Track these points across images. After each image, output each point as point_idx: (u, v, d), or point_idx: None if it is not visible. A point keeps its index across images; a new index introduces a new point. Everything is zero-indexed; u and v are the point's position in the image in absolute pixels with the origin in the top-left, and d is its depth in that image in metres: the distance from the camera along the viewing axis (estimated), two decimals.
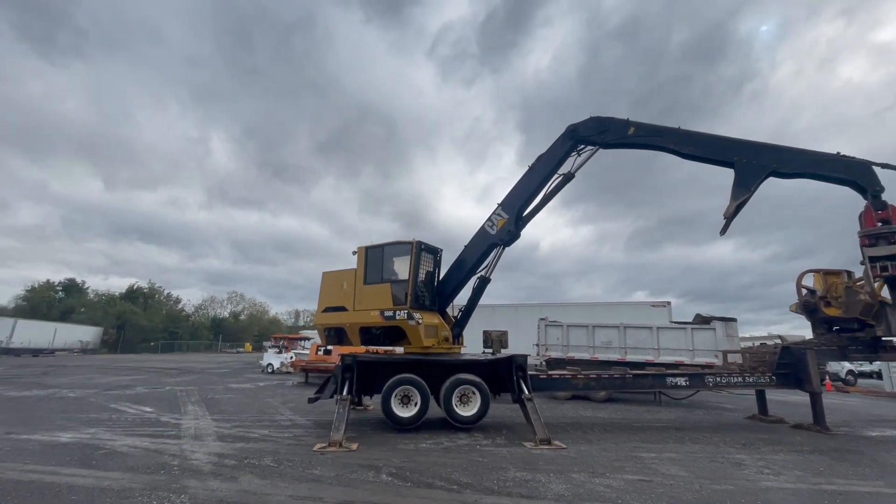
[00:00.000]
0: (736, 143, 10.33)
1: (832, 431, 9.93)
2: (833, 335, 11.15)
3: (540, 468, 6.41)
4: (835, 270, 11.49)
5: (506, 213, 10.97)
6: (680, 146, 10.51)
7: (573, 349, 16.45)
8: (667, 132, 10.67)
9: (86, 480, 5.42)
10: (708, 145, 10.44)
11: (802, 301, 11.58)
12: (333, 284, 10.77)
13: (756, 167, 9.98)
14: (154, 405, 11.82)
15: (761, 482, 5.96)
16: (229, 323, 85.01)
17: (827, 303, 11.07)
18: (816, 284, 11.49)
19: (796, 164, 10.01)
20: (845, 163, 9.82)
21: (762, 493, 5.46)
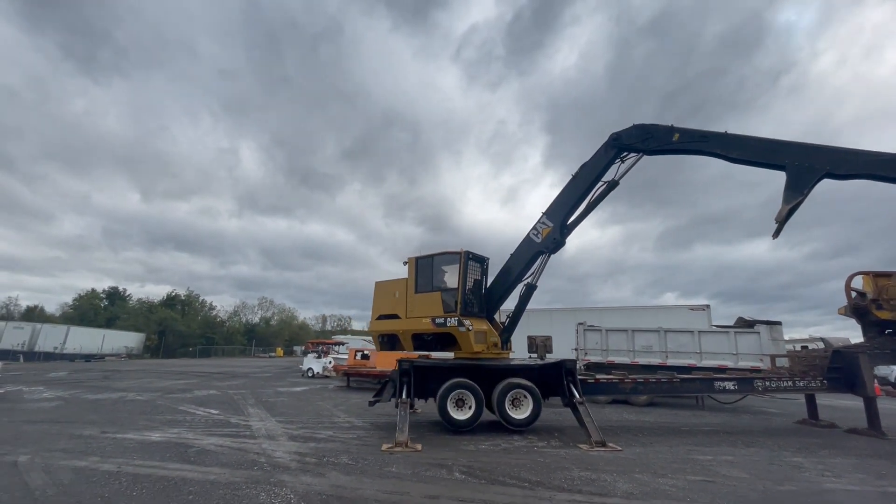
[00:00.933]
0: (787, 146, 10.13)
1: (888, 436, 9.83)
2: (886, 338, 11.03)
3: (601, 468, 6.72)
4: (886, 272, 11.36)
5: (551, 221, 11.27)
6: (728, 151, 10.44)
7: (612, 353, 16.58)
8: (713, 137, 10.64)
9: (193, 475, 6.04)
10: (757, 149, 10.30)
11: (852, 304, 11.48)
12: (386, 293, 11.32)
13: (809, 170, 9.76)
14: (217, 407, 12.60)
15: (824, 484, 6.12)
16: (261, 328, 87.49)
17: (878, 306, 10.97)
18: (866, 287, 11.38)
19: (851, 165, 9.69)
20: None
21: (827, 494, 5.65)
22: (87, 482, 5.64)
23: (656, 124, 11.16)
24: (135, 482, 5.64)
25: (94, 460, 6.72)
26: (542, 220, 11.45)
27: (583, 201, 11.34)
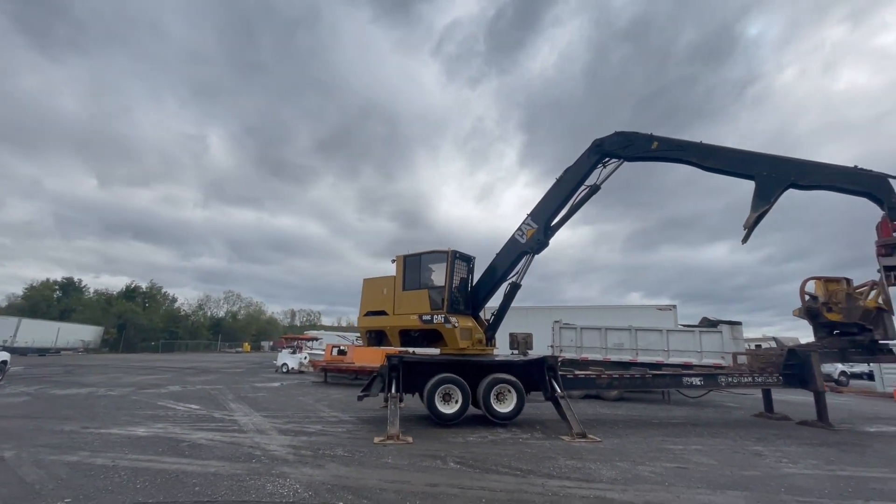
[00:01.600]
0: (757, 157, 10.91)
1: (835, 427, 10.82)
2: (834, 339, 12.04)
3: (585, 458, 7.19)
4: (836, 278, 12.38)
5: (535, 222, 11.72)
6: (703, 160, 11.15)
7: (586, 350, 17.31)
8: (690, 147, 11.33)
9: (192, 468, 6.09)
10: (730, 159, 11.05)
11: (806, 307, 12.46)
12: (374, 290, 11.49)
13: (776, 180, 10.54)
14: (197, 403, 12.43)
15: (782, 469, 6.80)
16: (227, 323, 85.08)
17: (829, 309, 11.96)
18: (818, 291, 12.38)
19: (814, 177, 10.53)
20: (862, 176, 10.32)
21: (786, 479, 6.29)
22: (84, 476, 5.61)
23: (637, 132, 11.73)
24: (134, 475, 5.66)
25: (85, 455, 6.64)
26: (526, 221, 11.88)
27: (566, 204, 11.83)
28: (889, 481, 6.30)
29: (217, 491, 5.13)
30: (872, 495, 5.62)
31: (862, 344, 11.45)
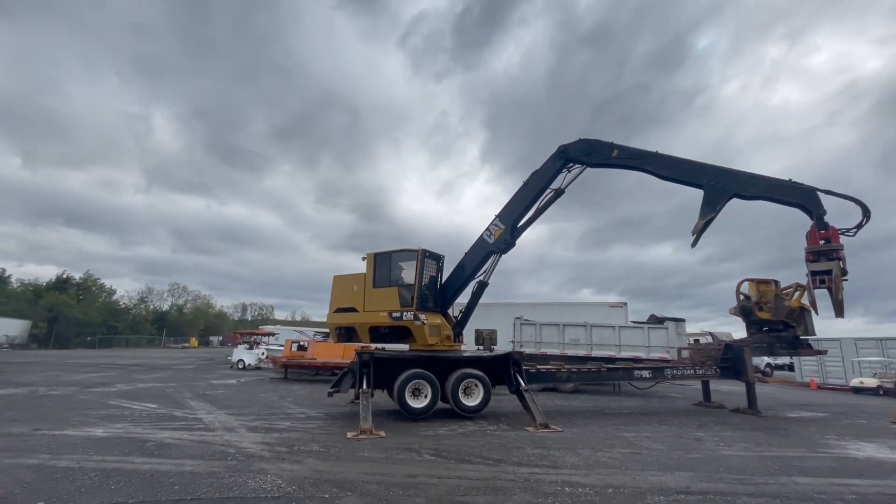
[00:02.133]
0: (705, 168, 11.78)
1: (762, 414, 12.11)
2: (763, 335, 13.40)
3: (550, 446, 7.73)
4: (766, 280, 13.74)
5: (503, 223, 12.16)
6: (657, 169, 11.93)
7: (545, 345, 18.12)
8: (646, 156, 12.07)
9: (166, 467, 6.02)
10: (681, 170, 11.89)
11: (740, 306, 13.75)
12: (344, 287, 11.54)
13: (721, 190, 11.43)
14: (154, 402, 11.97)
15: (720, 451, 7.65)
16: (173, 316, 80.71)
17: (760, 307, 13.28)
18: (751, 291, 13.69)
19: (755, 188, 11.46)
20: (795, 188, 11.30)
21: (724, 459, 7.10)
22: (51, 479, 5.42)
23: (599, 140, 12.39)
24: (105, 476, 5.53)
25: (45, 457, 6.36)
26: (494, 222, 12.31)
27: (532, 206, 12.34)
28: (807, 459, 7.28)
29: (198, 489, 5.15)
30: (794, 472, 6.49)
31: (786, 339, 12.84)
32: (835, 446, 8.44)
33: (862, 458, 7.51)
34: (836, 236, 10.87)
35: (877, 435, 9.80)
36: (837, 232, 10.89)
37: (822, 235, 10.93)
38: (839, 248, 10.74)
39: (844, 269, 10.72)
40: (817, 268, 10.88)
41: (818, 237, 10.99)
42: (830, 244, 10.79)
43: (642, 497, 5.20)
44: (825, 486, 5.80)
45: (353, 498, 4.98)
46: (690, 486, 5.63)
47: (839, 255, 10.70)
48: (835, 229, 10.87)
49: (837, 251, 10.72)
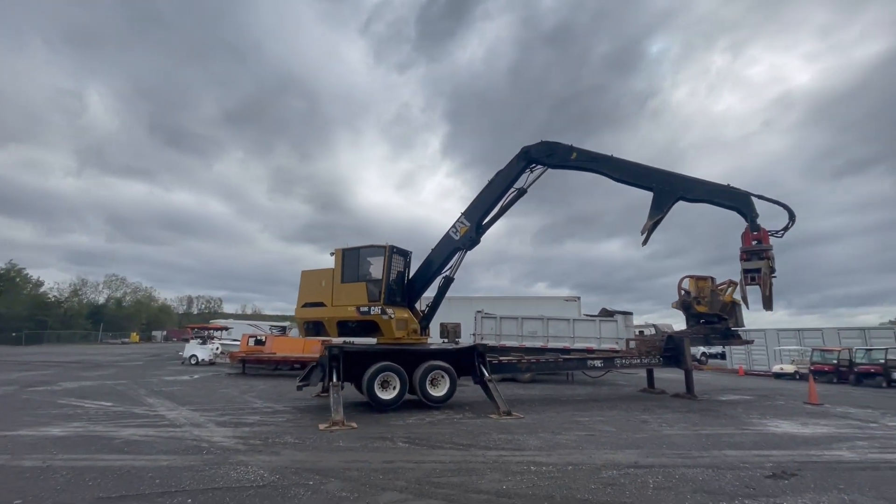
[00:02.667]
0: (654, 173, 12.60)
1: (698, 398, 13.41)
2: (700, 326, 14.77)
3: (514, 431, 8.32)
4: (704, 277, 15.10)
5: (468, 221, 12.61)
6: (611, 172, 12.65)
7: (505, 338, 18.90)
8: (602, 159, 12.77)
9: (140, 463, 6.01)
10: (633, 173, 12.67)
11: (681, 300, 15.07)
12: (312, 282, 11.61)
13: (668, 193, 12.31)
14: (108, 399, 11.52)
15: (663, 431, 8.55)
16: (110, 310, 75.60)
17: (698, 301, 14.61)
18: (691, 287, 15.02)
19: (698, 192, 12.39)
20: (732, 193, 12.25)
21: (666, 438, 7.97)
22: (20, 478, 5.30)
23: (559, 143, 12.96)
24: (79, 474, 5.47)
25: (5, 458, 6.14)
26: (460, 219, 12.74)
27: (497, 205, 12.84)
28: (735, 435, 8.31)
29: (180, 482, 5.24)
30: (724, 446, 7.44)
31: (720, 330, 14.25)
32: (757, 424, 9.63)
33: (779, 433, 8.66)
34: (767, 237, 11.92)
35: (792, 414, 11.21)
36: (768, 233, 11.95)
37: (754, 236, 11.94)
38: (769, 249, 11.81)
39: (773, 268, 11.85)
40: (749, 266, 11.92)
41: (751, 238, 11.99)
42: (761, 244, 11.81)
43: (598, 472, 5.84)
44: (749, 457, 6.73)
45: (336, 483, 5.27)
46: (638, 461, 6.37)
47: (768, 255, 11.77)
48: (765, 231, 11.90)
49: (767, 251, 11.79)
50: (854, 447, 7.62)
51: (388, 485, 5.24)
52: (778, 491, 5.21)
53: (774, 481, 5.58)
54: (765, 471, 6.03)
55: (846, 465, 6.48)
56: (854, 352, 21.50)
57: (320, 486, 5.18)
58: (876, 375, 19.64)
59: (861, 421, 10.33)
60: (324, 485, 5.21)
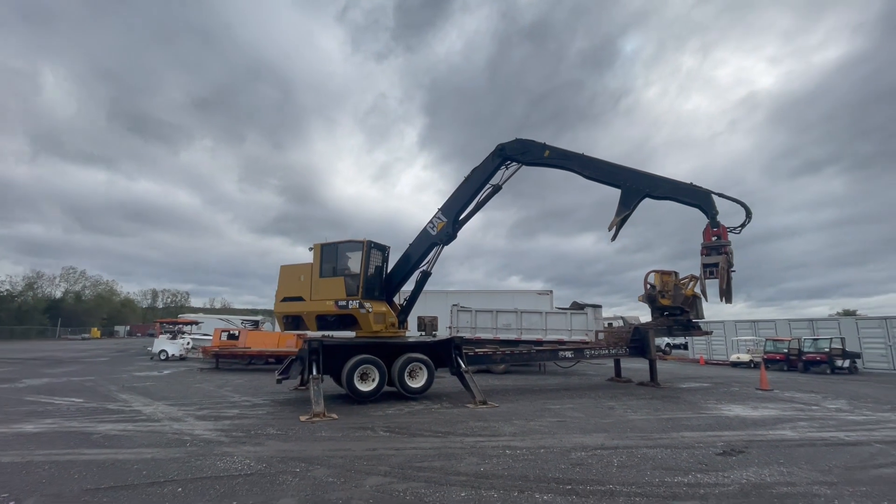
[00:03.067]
0: (623, 171, 13.06)
1: (662, 385, 14.23)
2: (664, 318, 15.59)
3: (489, 419, 8.73)
4: (668, 271, 15.92)
5: (445, 216, 12.89)
6: (582, 170, 13.05)
7: (480, 330, 19.36)
8: (573, 157, 13.16)
9: (125, 456, 6.07)
10: (603, 171, 13.10)
11: (647, 294, 15.85)
12: (291, 277, 11.67)
13: (636, 191, 12.80)
14: (78, 396, 11.28)
15: (628, 416, 9.16)
16: (69, 304, 72.22)
17: (662, 295, 15.41)
18: (656, 281, 15.81)
19: (663, 189, 12.88)
20: (695, 191, 12.65)
21: (631, 422, 8.56)
22: (1, 474, 5.31)
23: (533, 141, 13.28)
24: (63, 468, 5.51)
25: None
26: (437, 215, 13.01)
27: (473, 201, 13.15)
28: (692, 419, 8.99)
29: (168, 473, 5.37)
30: (682, 428, 8.06)
31: (682, 322, 15.10)
32: (713, 408, 10.39)
33: (731, 416, 9.41)
34: (726, 234, 12.53)
35: (744, 399, 12.10)
36: (727, 230, 12.56)
37: (714, 233, 12.52)
38: (727, 244, 12.41)
39: (731, 262, 12.44)
40: (708, 261, 12.53)
41: (711, 234, 12.58)
42: (720, 240, 12.42)
43: (567, 454, 6.30)
44: (703, 438, 7.36)
45: (322, 470, 5.51)
46: (605, 444, 6.87)
47: (727, 250, 12.38)
48: (725, 228, 12.49)
49: (725, 246, 12.40)
50: (796, 427, 8.40)
51: (373, 470, 5.53)
52: (727, 466, 5.79)
53: (724, 458, 6.17)
54: (716, 449, 6.63)
55: (788, 442, 7.18)
56: (802, 341, 23.08)
57: (307, 472, 5.42)
58: (821, 363, 21.20)
59: (804, 404, 11.28)
60: (310, 472, 5.45)
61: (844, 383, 16.80)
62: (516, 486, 4.97)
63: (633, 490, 4.86)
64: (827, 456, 6.41)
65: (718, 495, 4.73)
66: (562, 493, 4.74)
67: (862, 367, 22.51)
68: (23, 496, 4.59)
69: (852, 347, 22.47)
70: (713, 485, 5.07)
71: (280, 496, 4.61)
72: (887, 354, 22.49)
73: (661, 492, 4.83)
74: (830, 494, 4.80)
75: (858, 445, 7.07)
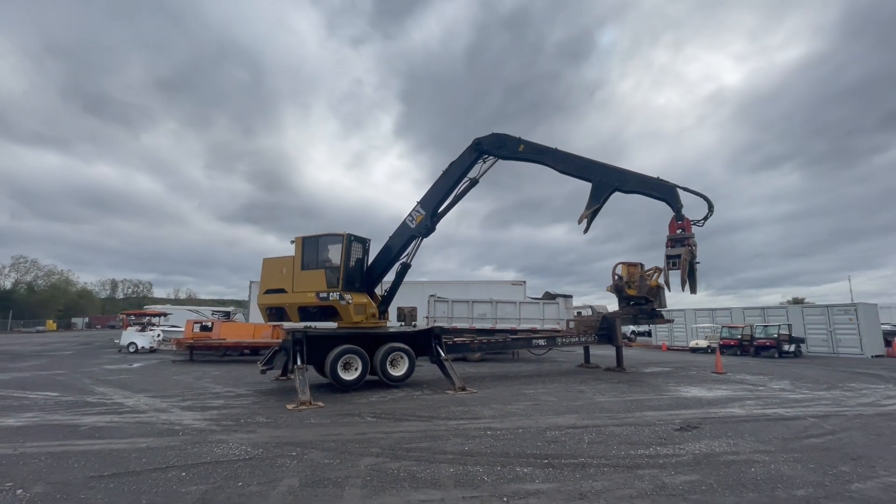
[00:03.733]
0: (594, 165, 13.45)
1: (627, 370, 15.19)
2: (630, 308, 16.54)
3: (469, 404, 9.27)
4: (633, 263, 16.84)
5: (423, 209, 13.17)
6: (555, 164, 13.39)
7: (456, 320, 19.90)
8: (547, 151, 13.46)
9: (120, 446, 6.23)
10: (575, 165, 13.49)
11: (615, 284, 16.75)
12: (274, 269, 11.81)
13: (606, 185, 13.22)
14: (50, 390, 11.11)
15: (597, 399, 9.89)
16: (20, 296, 68.51)
17: (629, 286, 16.33)
18: (623, 273, 16.71)
19: (631, 184, 13.30)
20: (661, 185, 13.03)
21: (599, 404, 9.28)
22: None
23: (508, 135, 13.51)
24: (58, 458, 5.64)
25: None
26: (416, 208, 13.30)
27: (451, 194, 13.43)
28: (654, 400, 9.82)
29: (167, 460, 5.60)
30: (645, 408, 8.84)
31: (646, 311, 16.07)
32: (672, 390, 11.30)
33: (688, 397, 10.30)
34: (690, 227, 13.06)
35: (701, 381, 13.14)
36: (691, 223, 13.11)
37: (679, 226, 13.01)
38: (691, 237, 12.96)
39: (695, 254, 12.99)
40: (672, 252, 13.12)
41: (676, 227, 13.12)
42: (684, 233, 12.98)
43: (543, 433, 6.89)
44: (663, 416, 8.12)
45: (317, 453, 5.88)
46: (576, 423, 7.52)
47: (690, 243, 12.95)
48: (689, 221, 13.01)
49: (688, 239, 12.97)
50: (744, 405, 9.33)
51: (365, 451, 5.94)
52: (683, 440, 6.51)
53: (681, 433, 6.91)
54: (674, 426, 7.39)
55: (736, 419, 8.04)
56: (754, 328, 24.82)
57: (303, 455, 5.77)
58: (770, 348, 22.93)
59: (752, 385, 12.39)
60: (306, 455, 5.80)
61: (789, 366, 18.33)
62: (498, 461, 5.50)
63: (602, 462, 5.47)
64: (768, 429, 7.26)
65: (675, 464, 5.40)
66: (540, 466, 5.29)
67: (806, 351, 24.45)
68: (28, 484, 4.75)
69: (798, 333, 24.35)
70: (670, 455, 5.75)
71: (282, 477, 4.96)
72: (828, 339, 24.50)
73: (626, 463, 5.45)
74: (768, 461, 5.55)
75: (795, 420, 8.00)
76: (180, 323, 27.76)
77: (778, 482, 4.81)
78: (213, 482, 4.80)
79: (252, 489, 4.60)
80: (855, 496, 4.45)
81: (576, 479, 4.90)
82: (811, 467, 5.33)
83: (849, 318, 23.83)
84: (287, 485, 4.72)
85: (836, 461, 5.58)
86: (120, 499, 4.36)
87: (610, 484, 4.75)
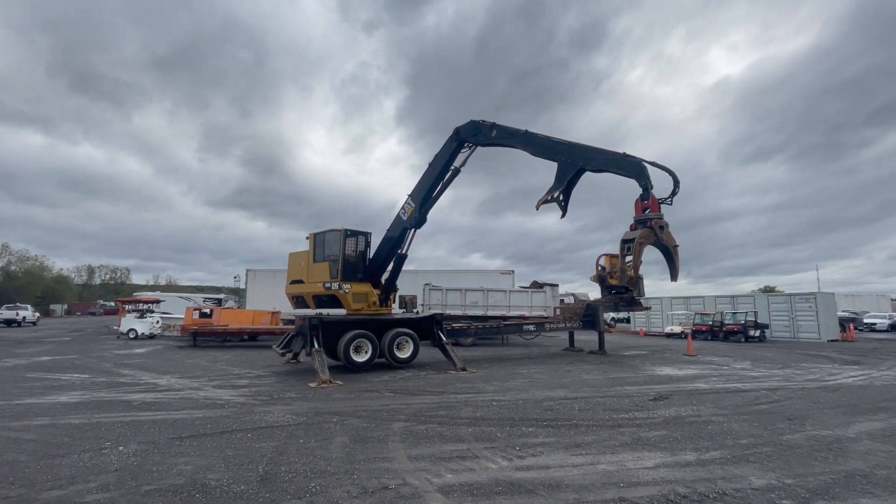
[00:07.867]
0: (559, 145, 13.60)
1: (608, 354, 16.67)
2: (611, 296, 17.93)
3: (472, 382, 10.49)
4: (615, 254, 18.15)
5: (413, 202, 13.94)
6: (525, 146, 13.69)
7: (450, 307, 21.08)
8: (517, 134, 13.74)
9: (179, 416, 7.21)
10: (543, 146, 13.74)
11: (598, 275, 18.12)
12: (295, 262, 12.99)
13: (570, 165, 13.38)
14: (81, 372, 11.87)
15: (583, 376, 11.25)
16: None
17: (611, 276, 17.72)
18: (606, 264, 18.07)
19: (597, 162, 13.27)
20: (627, 161, 12.74)
21: (584, 381, 10.62)
22: (81, 431, 6.31)
23: (484, 121, 13.79)
24: (132, 426, 6.59)
25: (47, 419, 6.97)
26: (407, 201, 14.09)
27: (438, 185, 13.98)
28: (632, 377, 11.23)
29: (229, 425, 6.62)
30: (624, 384, 10.21)
31: (626, 299, 17.50)
32: (648, 369, 12.75)
33: (662, 375, 11.74)
34: (657, 205, 12.61)
35: (673, 362, 14.67)
36: (658, 202, 12.60)
37: (644, 205, 12.54)
38: (656, 217, 12.48)
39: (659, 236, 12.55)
40: (627, 237, 12.83)
41: (642, 206, 12.58)
42: (648, 214, 12.61)
43: (540, 403, 8.15)
44: (640, 390, 9.49)
45: (355, 420, 6.98)
46: (567, 396, 8.80)
47: (652, 224, 12.44)
48: (656, 199, 12.49)
49: (651, 221, 12.47)
50: (708, 381, 10.79)
51: (394, 418, 7.07)
52: (655, 407, 7.84)
53: (654, 402, 8.25)
54: (649, 397, 8.73)
55: (700, 391, 9.45)
56: (724, 315, 26.74)
57: (343, 421, 6.87)
58: (738, 333, 24.84)
59: (718, 365, 13.95)
60: (346, 420, 6.91)
61: (753, 349, 20.14)
62: (507, 423, 6.71)
63: (591, 423, 6.73)
64: (726, 399, 8.67)
65: (649, 424, 6.70)
66: (541, 427, 6.53)
67: (770, 336, 26.50)
68: (123, 443, 5.74)
69: (763, 320, 26.36)
70: (645, 418, 7.05)
71: (333, 436, 6.06)
72: (790, 325, 26.60)
73: (610, 423, 6.73)
74: (722, 421, 6.91)
75: (749, 392, 9.45)
76: (172, 310, 28.32)
77: (728, 435, 6.14)
78: (278, 440, 5.87)
79: (313, 444, 5.69)
80: (784, 443, 5.80)
81: (571, 434, 6.15)
82: (755, 425, 6.70)
83: (808, 307, 25.92)
84: (340, 441, 5.82)
85: (776, 420, 6.97)
86: (208, 452, 5.40)
87: (598, 438, 6.01)
